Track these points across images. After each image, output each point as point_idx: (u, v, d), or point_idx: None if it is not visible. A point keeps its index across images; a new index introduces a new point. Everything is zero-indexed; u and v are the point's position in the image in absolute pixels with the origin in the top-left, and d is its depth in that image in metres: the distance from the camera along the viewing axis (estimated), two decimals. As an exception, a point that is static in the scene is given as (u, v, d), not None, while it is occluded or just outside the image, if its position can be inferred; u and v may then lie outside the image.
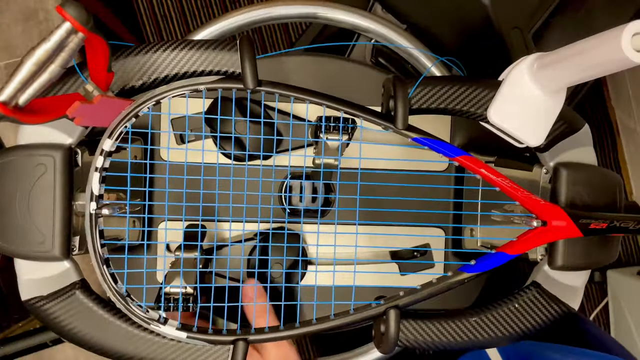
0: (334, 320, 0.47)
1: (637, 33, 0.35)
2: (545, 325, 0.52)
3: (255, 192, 0.53)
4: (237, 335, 0.46)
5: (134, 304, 0.45)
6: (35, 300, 0.47)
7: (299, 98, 0.46)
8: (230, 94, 0.47)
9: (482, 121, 0.51)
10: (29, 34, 0.33)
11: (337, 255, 0.51)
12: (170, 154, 0.55)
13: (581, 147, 0.53)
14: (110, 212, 0.45)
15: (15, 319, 0.96)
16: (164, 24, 1.40)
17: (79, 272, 0.48)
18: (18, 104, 0.37)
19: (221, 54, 0.47)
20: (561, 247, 0.51)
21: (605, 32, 0.37)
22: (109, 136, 0.44)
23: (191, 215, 0.54)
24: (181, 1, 1.39)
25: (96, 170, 0.44)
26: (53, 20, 0.97)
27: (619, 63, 0.36)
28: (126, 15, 1.38)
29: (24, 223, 0.46)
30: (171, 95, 0.45)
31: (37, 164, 0.46)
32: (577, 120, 0.53)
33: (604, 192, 0.52)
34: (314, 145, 0.55)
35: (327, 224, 0.56)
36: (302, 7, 0.62)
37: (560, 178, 0.50)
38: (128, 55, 0.47)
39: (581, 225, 0.46)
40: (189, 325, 0.47)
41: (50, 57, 0.36)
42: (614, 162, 1.48)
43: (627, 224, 0.48)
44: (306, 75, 0.59)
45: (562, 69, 0.42)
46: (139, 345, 0.47)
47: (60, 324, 0.47)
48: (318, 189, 0.58)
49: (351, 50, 0.78)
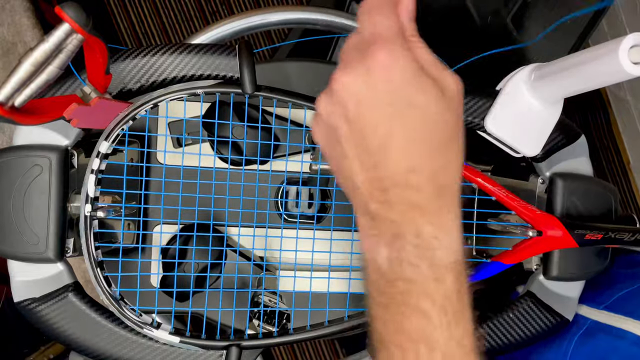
0: (329, 327, 0.47)
1: (635, 45, 0.35)
2: (539, 335, 0.52)
3: (252, 196, 0.53)
4: (230, 341, 0.46)
5: (127, 308, 0.45)
6: (28, 302, 0.47)
7: (296, 104, 0.46)
8: (228, 98, 0.47)
9: (479, 130, 0.51)
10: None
11: (333, 261, 0.51)
12: (167, 157, 0.55)
13: (577, 158, 0.53)
14: (105, 214, 0.45)
15: (25, 352, 0.96)
16: (145, 41, 1.39)
17: (72, 274, 0.48)
18: (15, 105, 0.37)
19: (220, 58, 0.47)
20: (556, 258, 0.51)
21: (603, 45, 0.37)
22: (106, 138, 0.44)
23: (187, 219, 0.54)
24: (161, 17, 1.38)
25: (92, 172, 0.44)
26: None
27: (617, 75, 0.37)
28: (106, 33, 1.37)
29: (18, 224, 0.46)
30: (169, 98, 0.45)
31: (32, 165, 0.46)
32: (574, 131, 0.53)
33: (600, 203, 0.52)
34: (311, 151, 0.55)
35: (323, 230, 0.56)
36: (290, 13, 0.63)
37: (557, 188, 0.51)
38: (126, 57, 0.47)
39: (577, 236, 0.46)
40: (181, 329, 0.47)
41: (48, 58, 0.36)
42: (608, 134, 1.47)
43: (622, 235, 0.48)
44: (304, 81, 0.59)
45: (559, 81, 0.42)
46: (131, 349, 0.47)
47: (52, 327, 0.47)
48: (314, 195, 0.58)
49: (332, 52, 0.79)
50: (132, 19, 1.39)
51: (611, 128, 1.47)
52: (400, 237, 0.32)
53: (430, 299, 0.32)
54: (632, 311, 0.50)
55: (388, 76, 0.31)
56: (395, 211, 0.32)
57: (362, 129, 0.32)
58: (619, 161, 1.49)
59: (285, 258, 0.52)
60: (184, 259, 0.53)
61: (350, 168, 0.33)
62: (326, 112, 0.33)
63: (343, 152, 0.33)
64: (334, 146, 0.34)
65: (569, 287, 0.53)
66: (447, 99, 0.32)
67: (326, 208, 0.58)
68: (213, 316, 0.54)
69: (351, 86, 0.31)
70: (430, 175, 0.32)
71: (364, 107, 0.31)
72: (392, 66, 0.31)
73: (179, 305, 0.51)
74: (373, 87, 0.31)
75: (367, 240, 0.34)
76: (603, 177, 1.49)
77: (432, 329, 0.32)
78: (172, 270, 0.52)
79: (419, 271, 0.32)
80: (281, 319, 0.54)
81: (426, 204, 0.32)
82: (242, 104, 0.53)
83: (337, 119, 0.32)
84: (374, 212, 0.33)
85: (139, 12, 1.39)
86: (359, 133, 0.32)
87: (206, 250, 0.52)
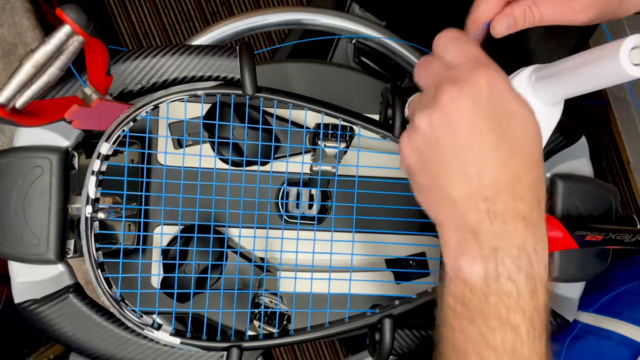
0: (329, 329, 0.47)
1: (635, 47, 0.35)
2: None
3: (252, 198, 0.53)
4: (231, 342, 0.46)
5: (128, 309, 0.45)
6: (29, 303, 0.47)
7: (297, 105, 0.46)
8: (229, 99, 0.47)
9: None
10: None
11: (333, 262, 0.51)
12: (168, 159, 0.55)
13: (578, 159, 0.53)
14: (106, 215, 0.45)
15: (25, 353, 0.96)
16: (146, 42, 1.39)
17: (73, 275, 0.48)
18: (16, 107, 0.37)
19: (220, 59, 0.47)
20: (556, 259, 0.51)
21: (603, 46, 0.37)
22: (107, 140, 0.44)
23: (187, 220, 0.54)
24: (162, 18, 1.38)
25: (93, 173, 0.44)
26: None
27: (618, 76, 0.36)
28: (107, 34, 1.37)
29: (19, 225, 0.46)
30: (169, 99, 0.45)
31: (33, 166, 0.46)
32: (574, 132, 0.53)
33: (600, 204, 0.52)
34: (311, 152, 0.55)
35: (323, 231, 0.56)
36: (290, 14, 0.63)
37: (557, 189, 0.51)
38: (127, 59, 0.47)
39: (577, 237, 0.46)
40: (182, 331, 0.47)
41: (49, 59, 0.36)
42: (608, 134, 1.47)
43: (623, 236, 0.48)
44: (304, 82, 0.59)
45: (560, 82, 0.42)
46: (132, 350, 0.47)
47: (53, 328, 0.47)
48: (315, 196, 0.58)
49: (333, 53, 0.79)
50: (133, 20, 1.38)
51: (611, 128, 1.47)
52: (501, 250, 0.33)
53: (522, 313, 0.33)
54: (618, 313, 0.51)
55: (493, 92, 0.33)
56: (500, 221, 0.33)
57: (469, 139, 0.33)
58: (619, 161, 1.49)
59: (286, 259, 0.52)
60: (185, 260, 0.53)
61: (450, 181, 0.34)
62: (429, 125, 0.34)
63: (443, 164, 0.34)
64: (429, 161, 0.35)
65: (569, 288, 0.53)
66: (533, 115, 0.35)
67: (327, 209, 0.58)
68: (214, 317, 0.54)
69: (458, 101, 0.33)
70: (529, 186, 0.34)
71: (472, 120, 0.33)
72: (496, 84, 0.34)
73: (179, 306, 0.51)
74: (479, 102, 0.33)
75: (458, 256, 0.34)
76: (603, 177, 1.49)
77: (520, 343, 0.33)
78: (172, 271, 0.52)
79: (516, 286, 0.33)
80: (282, 320, 0.54)
81: (529, 215, 0.33)
82: (243, 105, 0.53)
83: (441, 131, 0.34)
84: (475, 224, 0.33)
85: (139, 12, 1.39)
86: (464, 143, 0.33)
87: (207, 252, 0.52)
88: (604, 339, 0.49)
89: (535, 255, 0.33)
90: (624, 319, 0.50)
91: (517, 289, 0.33)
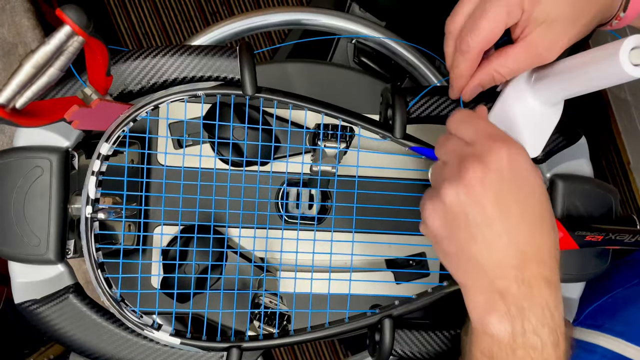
0: (329, 329, 0.47)
1: (635, 47, 0.35)
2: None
3: (252, 198, 0.53)
4: (231, 343, 0.46)
5: (128, 309, 0.45)
6: (29, 303, 0.47)
7: (297, 105, 0.46)
8: (229, 99, 0.47)
9: (479, 131, 0.51)
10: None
11: (333, 263, 0.51)
12: (168, 159, 0.55)
13: (578, 159, 0.53)
14: (106, 216, 0.45)
15: (25, 353, 0.96)
16: (146, 42, 1.39)
17: (73, 275, 0.48)
18: (16, 107, 0.37)
19: (220, 60, 0.47)
20: (557, 259, 0.51)
21: (603, 46, 0.37)
22: (107, 140, 0.44)
23: (187, 221, 0.54)
24: (162, 18, 1.38)
25: (93, 173, 0.44)
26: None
27: (617, 77, 0.37)
28: (107, 34, 1.37)
29: (19, 225, 0.46)
30: (169, 100, 0.45)
31: (33, 167, 0.46)
32: (574, 132, 0.53)
33: (600, 204, 0.52)
34: (311, 153, 0.55)
35: (323, 232, 0.56)
36: (290, 14, 0.64)
37: (557, 189, 0.51)
38: (127, 59, 0.47)
39: (577, 237, 0.46)
40: (182, 331, 0.47)
41: (49, 60, 0.36)
42: (608, 134, 1.47)
43: (623, 236, 0.48)
44: (304, 82, 0.60)
45: (560, 82, 0.42)
46: (131, 351, 0.47)
47: (53, 328, 0.47)
48: (315, 196, 0.58)
49: (333, 53, 0.79)
50: (133, 20, 1.38)
51: (611, 128, 1.47)
52: (527, 310, 0.36)
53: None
54: (600, 325, 0.52)
55: (514, 166, 0.36)
56: (527, 286, 0.36)
57: (497, 213, 0.36)
58: (619, 161, 1.49)
59: (286, 259, 0.52)
60: (185, 260, 0.53)
61: (479, 251, 0.36)
62: (456, 199, 0.37)
63: (472, 236, 0.36)
64: (456, 232, 0.37)
65: (569, 289, 0.53)
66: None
67: (327, 209, 0.58)
68: (214, 317, 0.54)
69: (484, 178, 0.36)
70: (549, 250, 0.37)
71: (498, 195, 0.36)
72: (517, 159, 0.37)
73: (179, 306, 0.51)
74: (502, 176, 0.36)
75: (485, 314, 0.37)
76: (603, 177, 1.49)
77: None
78: (172, 271, 0.52)
79: (541, 339, 0.36)
80: (282, 320, 0.54)
81: (552, 277, 0.37)
82: (243, 105, 0.53)
83: (469, 206, 0.36)
84: (503, 288, 0.36)
85: (139, 12, 1.39)
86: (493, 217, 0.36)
87: (207, 252, 0.52)
88: (589, 352, 0.51)
89: (556, 309, 0.37)
90: (605, 331, 0.51)
91: (542, 341, 0.36)
